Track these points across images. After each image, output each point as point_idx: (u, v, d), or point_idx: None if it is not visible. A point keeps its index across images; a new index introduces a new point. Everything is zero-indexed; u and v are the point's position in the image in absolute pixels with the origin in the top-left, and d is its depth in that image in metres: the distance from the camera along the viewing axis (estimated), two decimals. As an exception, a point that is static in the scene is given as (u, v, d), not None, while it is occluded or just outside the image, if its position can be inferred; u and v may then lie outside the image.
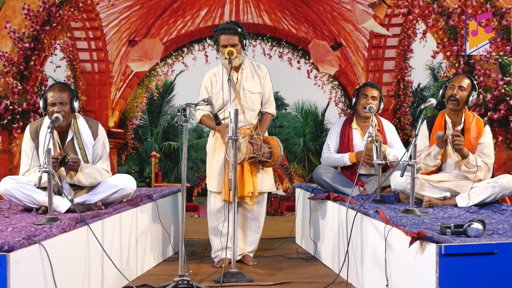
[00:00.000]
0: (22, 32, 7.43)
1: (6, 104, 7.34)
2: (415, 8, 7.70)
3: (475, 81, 3.86)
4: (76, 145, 3.56)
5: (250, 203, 4.06)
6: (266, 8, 8.10)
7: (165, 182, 8.57)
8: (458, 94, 3.74)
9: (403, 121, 7.98)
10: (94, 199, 3.54)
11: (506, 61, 7.29)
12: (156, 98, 8.91)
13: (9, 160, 7.39)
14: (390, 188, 4.08)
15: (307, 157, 8.82)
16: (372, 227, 3.29)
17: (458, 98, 3.73)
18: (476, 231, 2.69)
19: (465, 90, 3.75)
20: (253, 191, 4.02)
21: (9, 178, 3.43)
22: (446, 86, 3.84)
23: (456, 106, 3.76)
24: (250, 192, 4.00)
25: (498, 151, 7.31)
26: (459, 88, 3.75)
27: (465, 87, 3.75)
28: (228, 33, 3.99)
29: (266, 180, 4.16)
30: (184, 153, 3.40)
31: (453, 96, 3.74)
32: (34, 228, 2.81)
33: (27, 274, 2.48)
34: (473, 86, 3.77)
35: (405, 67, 7.96)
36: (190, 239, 5.02)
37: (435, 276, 2.52)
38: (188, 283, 3.32)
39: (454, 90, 3.75)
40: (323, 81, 8.22)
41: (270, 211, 8.41)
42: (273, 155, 4.00)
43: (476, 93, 3.77)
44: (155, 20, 8.04)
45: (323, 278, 3.72)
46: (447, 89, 3.81)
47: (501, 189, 3.62)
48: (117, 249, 3.49)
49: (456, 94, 3.74)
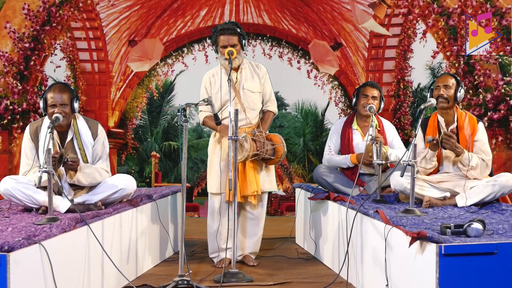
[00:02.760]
0: (22, 32, 7.44)
1: (6, 104, 7.35)
2: (415, 8, 7.70)
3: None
4: (76, 145, 3.56)
5: (255, 202, 4.07)
6: (266, 8, 8.10)
7: (165, 182, 8.57)
8: (444, 93, 3.78)
9: (403, 121, 7.98)
10: (94, 199, 3.53)
11: (506, 61, 7.29)
12: (156, 98, 8.92)
13: (9, 160, 7.40)
14: (390, 188, 4.08)
15: (307, 157, 8.82)
16: (372, 227, 3.29)
17: (446, 96, 3.77)
18: (476, 231, 2.69)
19: (451, 88, 3.81)
20: (257, 189, 4.02)
21: (9, 178, 3.43)
22: (432, 89, 3.87)
23: (446, 103, 3.80)
24: (255, 191, 4.00)
25: (498, 151, 7.31)
26: (445, 87, 3.80)
27: (450, 85, 3.80)
28: (228, 34, 3.99)
29: (269, 179, 4.16)
30: (184, 153, 3.40)
31: (441, 96, 3.79)
32: (34, 228, 2.81)
33: (27, 274, 2.48)
34: (458, 83, 3.82)
35: (405, 67, 7.96)
36: (190, 239, 5.02)
37: (435, 276, 2.52)
38: (188, 283, 3.32)
39: (440, 90, 3.80)
40: (323, 81, 8.22)
41: (270, 211, 8.41)
42: (276, 151, 4.00)
43: (463, 89, 3.82)
44: (155, 20, 8.04)
45: (323, 278, 3.72)
46: (434, 90, 3.85)
47: (500, 187, 3.62)
48: (117, 249, 3.49)
49: (444, 94, 3.78)
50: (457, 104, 3.89)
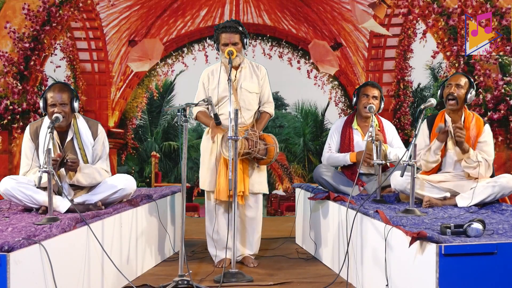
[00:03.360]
0: (22, 32, 7.44)
1: (6, 104, 7.35)
2: (415, 8, 7.70)
3: (473, 80, 3.87)
4: (76, 145, 3.55)
5: (241, 203, 4.03)
6: (266, 8, 8.10)
7: (165, 182, 8.57)
8: (455, 92, 3.74)
9: (403, 121, 7.98)
10: (94, 199, 3.53)
11: (506, 61, 7.29)
12: (156, 98, 8.92)
13: (9, 160, 7.40)
14: (390, 188, 4.08)
15: (307, 157, 8.81)
16: (372, 227, 3.29)
17: (456, 96, 3.74)
18: (476, 231, 2.69)
19: (463, 88, 3.76)
20: (243, 190, 3.99)
21: (9, 178, 3.43)
22: (444, 86, 3.85)
23: (455, 105, 3.76)
24: (241, 191, 3.98)
25: (498, 151, 7.31)
26: (457, 86, 3.76)
27: (462, 85, 3.76)
28: (230, 32, 3.98)
29: (259, 181, 4.12)
30: (184, 153, 3.40)
31: (451, 94, 3.75)
32: (34, 228, 2.81)
33: (27, 274, 2.48)
34: (470, 84, 3.78)
35: (405, 67, 7.97)
36: (190, 239, 5.02)
37: (435, 276, 2.52)
38: (188, 283, 3.32)
39: (452, 88, 3.76)
40: (323, 81, 8.22)
41: (270, 211, 8.41)
42: (268, 152, 3.98)
43: (474, 90, 3.78)
44: (155, 20, 8.04)
45: (323, 278, 3.72)
46: (445, 88, 3.82)
47: (500, 188, 3.62)
48: (117, 249, 3.49)
49: (454, 92, 3.74)
50: (467, 105, 3.86)
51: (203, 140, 4.18)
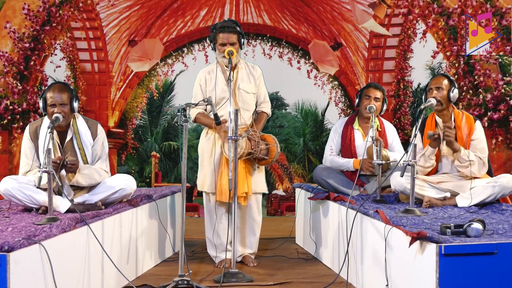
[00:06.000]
0: (22, 32, 7.44)
1: (6, 104, 7.35)
2: (415, 8, 7.70)
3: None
4: (76, 145, 3.55)
5: (244, 204, 4.03)
6: (266, 8, 8.10)
7: (165, 182, 8.57)
8: (437, 96, 3.74)
9: (403, 121, 7.98)
10: (94, 199, 3.53)
11: (506, 61, 7.29)
12: (156, 98, 8.92)
13: (9, 160, 7.40)
14: (390, 188, 4.08)
15: (307, 157, 8.82)
16: (372, 227, 3.29)
17: (439, 98, 3.74)
18: (476, 231, 2.69)
19: (444, 89, 3.77)
20: (247, 191, 3.99)
21: (9, 178, 3.43)
22: (426, 91, 3.85)
23: (440, 106, 3.77)
24: (245, 192, 3.98)
25: (498, 151, 7.31)
26: (437, 89, 3.77)
27: (442, 86, 3.77)
28: (228, 32, 3.97)
29: (260, 181, 4.13)
30: (184, 153, 3.40)
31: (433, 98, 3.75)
32: (34, 228, 2.81)
33: (27, 274, 2.48)
34: (451, 83, 3.78)
35: (405, 67, 7.97)
36: (190, 239, 5.02)
37: (435, 276, 2.52)
38: (188, 283, 3.32)
39: (433, 93, 3.77)
40: (323, 81, 8.22)
41: (270, 211, 8.41)
42: (270, 152, 3.98)
43: (456, 88, 3.77)
44: (155, 20, 8.04)
45: (323, 278, 3.72)
46: (427, 93, 3.83)
47: (501, 188, 3.62)
48: (117, 249, 3.49)
49: (436, 96, 3.74)
50: (452, 104, 3.87)
51: (202, 141, 4.17)
